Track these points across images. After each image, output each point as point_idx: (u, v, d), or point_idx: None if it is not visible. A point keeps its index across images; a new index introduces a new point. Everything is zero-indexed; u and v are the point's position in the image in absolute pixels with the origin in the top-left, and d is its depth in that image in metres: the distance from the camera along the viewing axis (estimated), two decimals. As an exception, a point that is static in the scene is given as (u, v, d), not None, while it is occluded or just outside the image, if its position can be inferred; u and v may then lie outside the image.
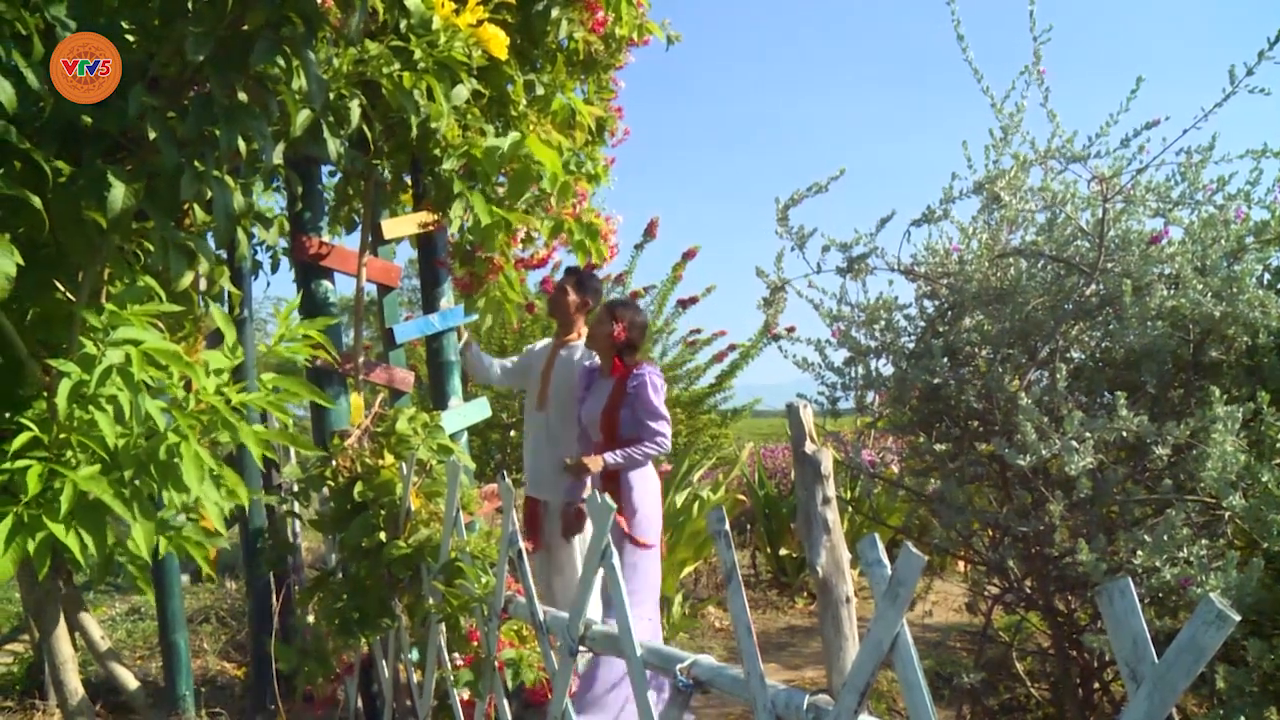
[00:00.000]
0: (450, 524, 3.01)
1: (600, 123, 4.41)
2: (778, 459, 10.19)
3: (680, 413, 10.38)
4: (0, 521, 2.38)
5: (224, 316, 2.70)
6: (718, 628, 7.73)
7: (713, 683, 2.11)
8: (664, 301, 10.65)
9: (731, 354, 10.77)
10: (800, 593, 8.51)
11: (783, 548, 8.75)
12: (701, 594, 8.48)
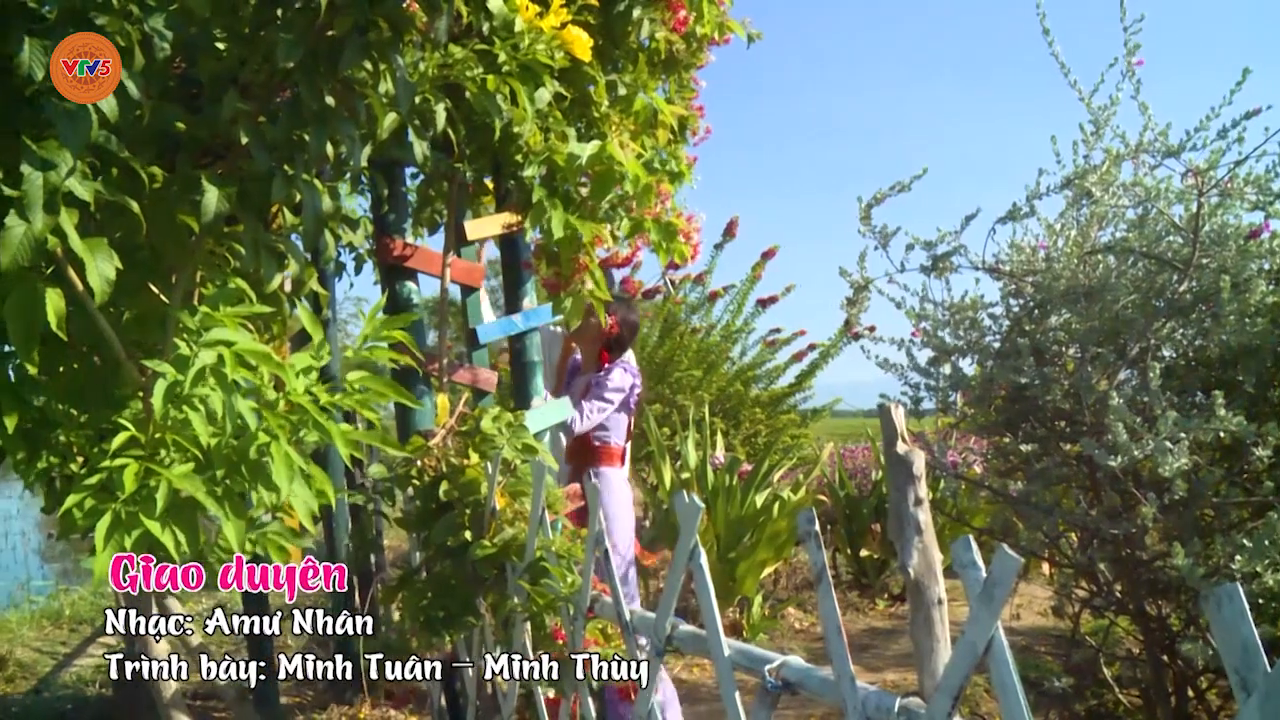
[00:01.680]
0: (536, 523, 3.03)
1: (682, 122, 4.40)
2: (857, 459, 10.10)
3: (760, 413, 10.35)
4: (100, 519, 2.43)
5: (311, 318, 2.73)
6: (797, 629, 7.70)
7: (802, 684, 2.09)
8: (743, 301, 10.63)
9: (811, 354, 10.72)
10: (881, 594, 8.44)
11: (863, 549, 8.68)
12: (780, 595, 8.45)
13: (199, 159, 2.73)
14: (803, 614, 8.02)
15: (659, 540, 8.21)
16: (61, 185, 2.11)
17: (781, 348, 10.82)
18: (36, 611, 11.16)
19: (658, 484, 8.14)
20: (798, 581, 8.88)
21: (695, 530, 2.35)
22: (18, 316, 2.30)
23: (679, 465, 7.99)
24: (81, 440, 2.82)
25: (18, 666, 8.57)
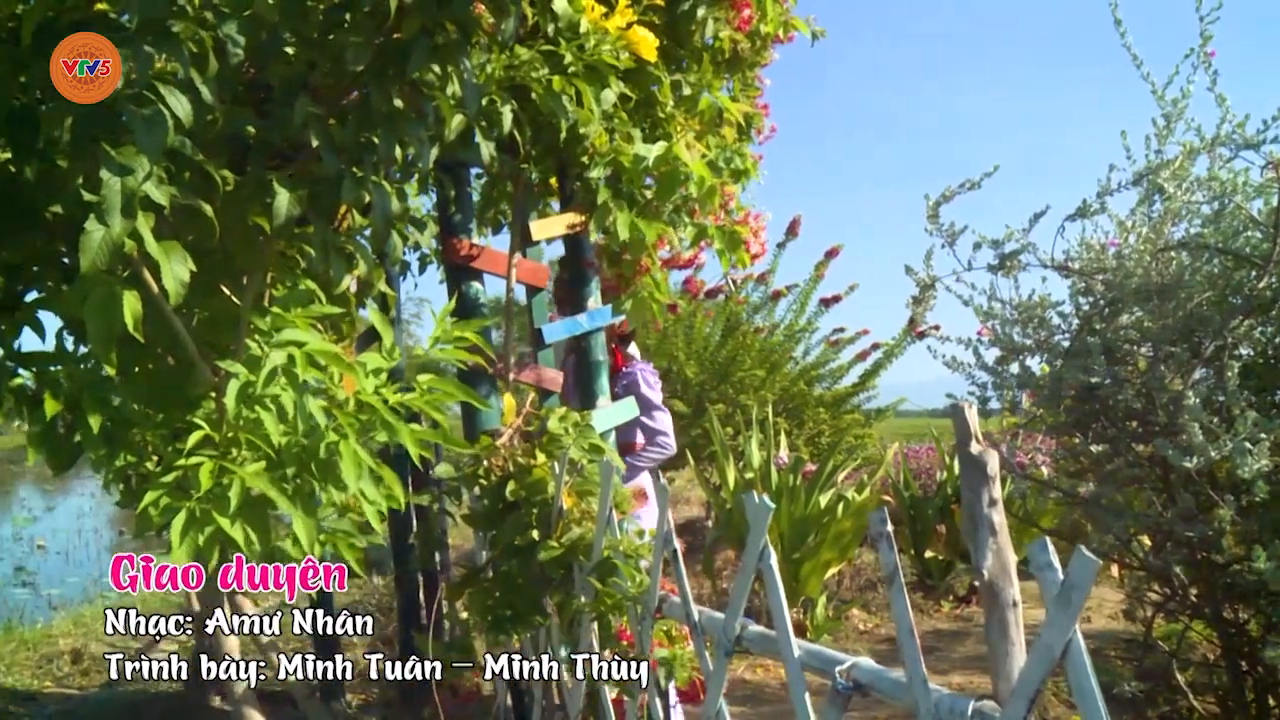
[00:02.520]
0: (604, 523, 3.03)
1: (747, 120, 4.39)
2: (921, 459, 10.02)
3: (824, 413, 10.30)
4: (175, 516, 2.47)
5: (381, 318, 2.76)
6: (861, 630, 7.65)
7: (873, 686, 2.07)
8: (806, 300, 10.59)
9: (875, 353, 10.65)
10: (946, 596, 8.36)
11: (928, 550, 8.60)
12: (844, 596, 8.40)
13: (268, 162, 2.76)
14: (866, 615, 7.97)
15: (722, 540, 8.20)
16: (138, 189, 2.15)
17: (845, 347, 10.77)
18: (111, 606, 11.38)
19: (721, 484, 8.12)
20: (861, 582, 8.82)
21: (765, 531, 2.34)
22: (97, 318, 2.35)
23: (742, 465, 7.97)
24: (157, 439, 2.87)
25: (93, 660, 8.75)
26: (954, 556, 8.37)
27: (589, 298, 4.17)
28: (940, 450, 9.22)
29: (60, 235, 2.59)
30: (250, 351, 2.66)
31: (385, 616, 8.04)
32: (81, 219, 2.16)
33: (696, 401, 9.84)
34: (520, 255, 3.98)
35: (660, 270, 3.91)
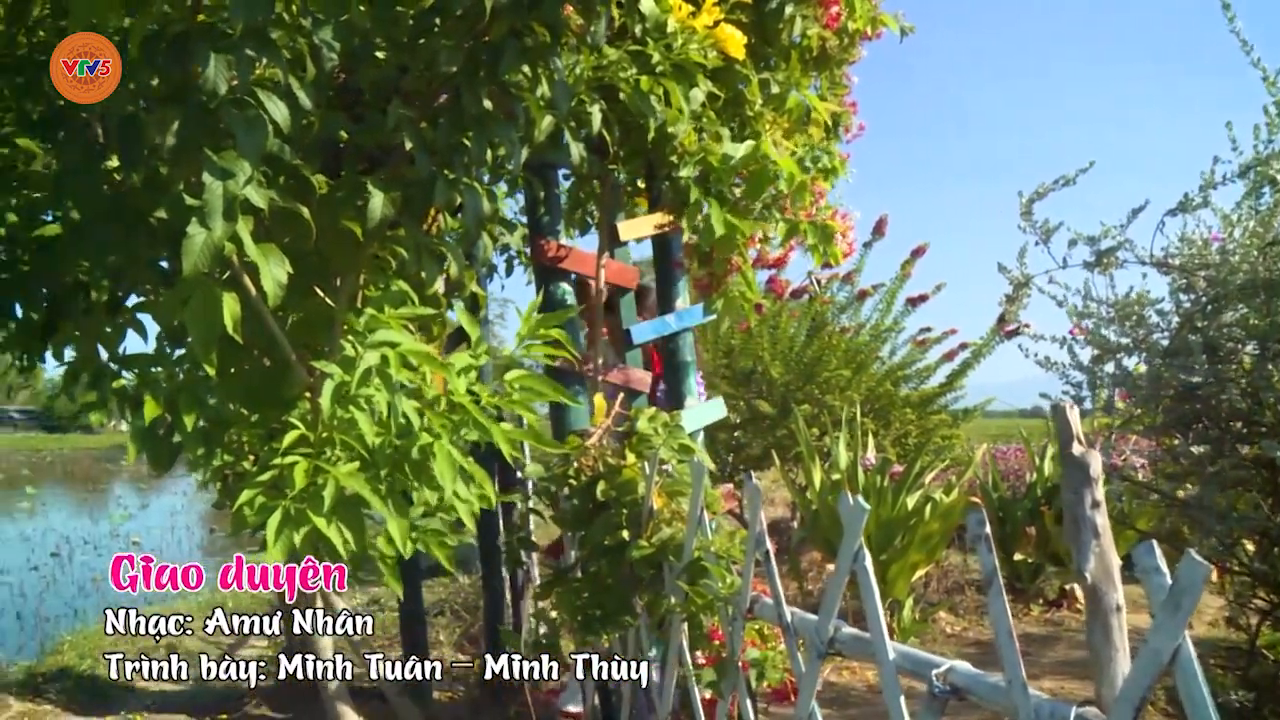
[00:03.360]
0: (695, 523, 3.02)
1: (835, 118, 4.35)
2: (1010, 460, 9.84)
3: (910, 413, 10.19)
4: (270, 515, 2.51)
5: (470, 319, 2.78)
6: (949, 633, 7.54)
7: (970, 689, 2.04)
8: (892, 300, 10.48)
9: (962, 353, 10.50)
10: (1036, 599, 8.21)
11: (1017, 552, 8.45)
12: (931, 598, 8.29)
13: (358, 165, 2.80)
14: (954, 618, 7.85)
15: (807, 542, 8.14)
16: (239, 193, 2.19)
17: (932, 347, 10.61)
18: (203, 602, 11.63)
19: (807, 485, 8.06)
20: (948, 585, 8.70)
21: (860, 532, 2.32)
22: (197, 320, 2.40)
23: (828, 466, 7.89)
24: (253, 439, 2.92)
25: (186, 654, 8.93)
26: (1043, 559, 8.22)
27: (677, 298, 4.16)
28: (1030, 451, 9.06)
29: (161, 240, 2.65)
30: (344, 352, 2.70)
31: (471, 615, 8.10)
32: (182, 223, 2.20)
33: (782, 402, 9.77)
34: (608, 256, 3.98)
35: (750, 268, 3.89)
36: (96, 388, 2.93)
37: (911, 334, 10.73)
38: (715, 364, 10.17)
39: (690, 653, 3.25)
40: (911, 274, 10.48)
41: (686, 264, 4.23)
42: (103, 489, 41.25)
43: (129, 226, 2.59)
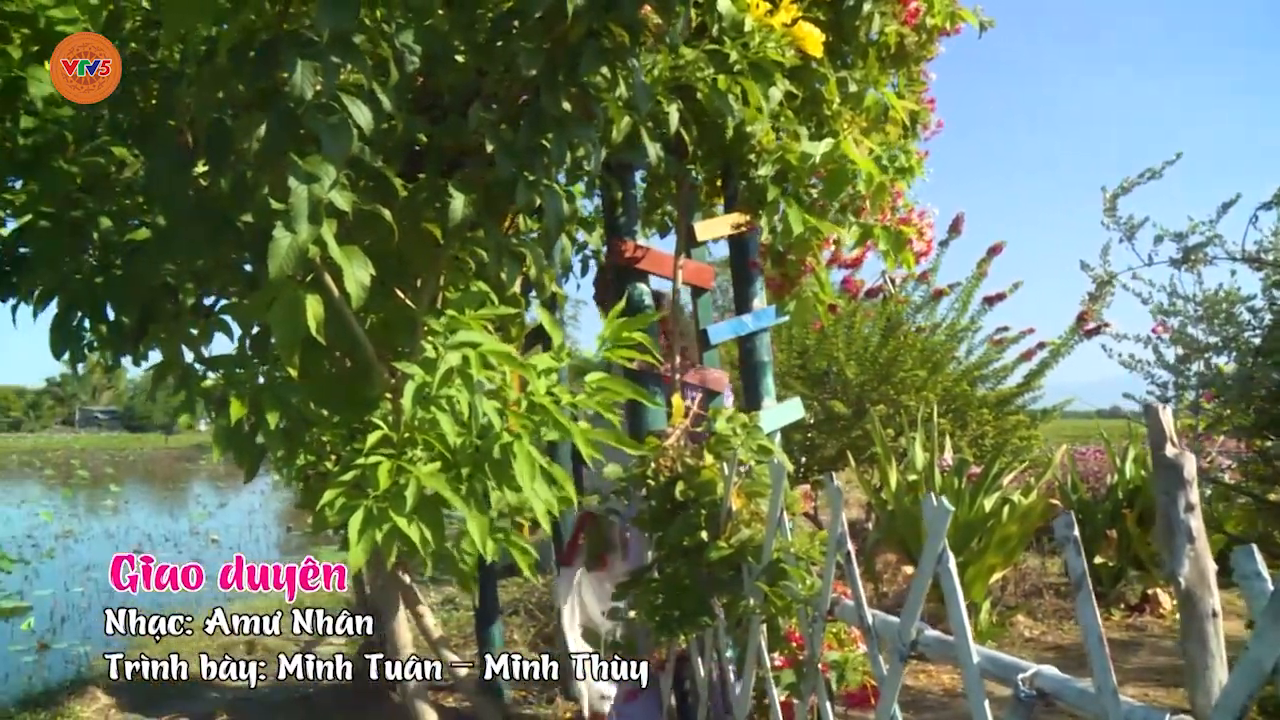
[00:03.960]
0: (774, 524, 3.00)
1: (913, 116, 4.30)
2: (1089, 462, 9.68)
3: (987, 414, 10.06)
4: (353, 514, 2.53)
5: (551, 320, 2.79)
6: (1027, 637, 7.43)
7: (1058, 694, 2.00)
8: (968, 299, 10.36)
9: (1040, 352, 10.35)
10: (1117, 604, 8.07)
11: (1097, 555, 8.31)
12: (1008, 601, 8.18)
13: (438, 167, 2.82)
14: (1032, 622, 7.74)
15: (883, 543, 8.07)
16: (324, 196, 2.21)
17: (1009, 346, 10.49)
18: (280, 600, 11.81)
19: (882, 486, 7.99)
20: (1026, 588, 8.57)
21: (944, 534, 2.29)
22: (282, 322, 2.43)
23: (904, 467, 7.83)
24: (335, 439, 2.95)
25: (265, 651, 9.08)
26: (1125, 563, 8.08)
27: (754, 298, 4.14)
28: (1110, 452, 8.91)
29: (246, 244, 2.69)
30: (425, 353, 2.72)
31: (545, 615, 8.14)
32: (268, 227, 2.24)
33: (856, 402, 9.71)
34: (685, 256, 3.97)
35: (824, 269, 3.86)
36: (184, 389, 2.98)
37: (988, 333, 10.60)
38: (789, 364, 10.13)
39: (769, 654, 3.24)
40: (988, 272, 10.36)
41: (762, 264, 4.21)
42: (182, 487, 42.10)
43: (215, 230, 2.63)
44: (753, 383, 4.19)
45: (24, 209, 2.99)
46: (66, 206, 2.87)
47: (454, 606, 9.39)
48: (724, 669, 3.69)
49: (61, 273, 2.90)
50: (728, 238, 4.12)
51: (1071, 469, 8.84)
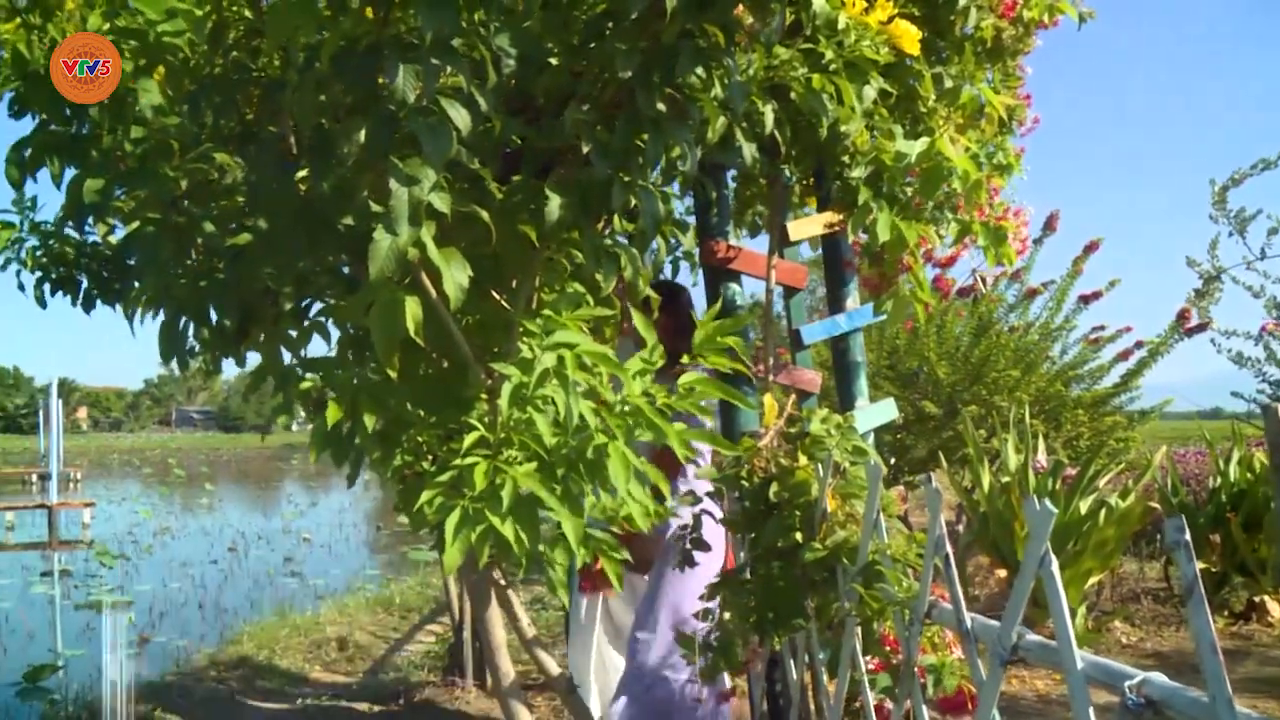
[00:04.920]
0: (870, 526, 2.98)
1: (1010, 112, 4.22)
2: (1189, 464, 9.47)
3: (1082, 414, 9.91)
4: (449, 515, 2.56)
5: (645, 321, 2.79)
6: (1124, 644, 7.29)
7: (1168, 703, 1.95)
8: (1063, 297, 10.20)
9: (1138, 351, 10.15)
10: (1220, 611, 7.87)
11: (1200, 561, 8.12)
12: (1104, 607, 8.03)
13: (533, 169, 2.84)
14: (1129, 628, 7.59)
15: (974, 545, 7.98)
16: (424, 199, 2.24)
17: (1105, 346, 10.31)
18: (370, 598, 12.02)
19: (974, 487, 7.90)
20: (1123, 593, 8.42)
21: (1046, 536, 2.24)
22: (381, 324, 2.47)
23: (997, 468, 7.73)
24: (432, 439, 2.98)
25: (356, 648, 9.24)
26: (1229, 569, 7.89)
27: (847, 298, 4.11)
28: (1213, 454, 8.70)
29: (345, 247, 2.73)
30: (521, 354, 2.73)
31: (634, 615, 8.17)
32: (368, 229, 2.27)
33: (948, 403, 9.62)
34: (778, 256, 3.96)
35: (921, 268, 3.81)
36: (283, 390, 3.04)
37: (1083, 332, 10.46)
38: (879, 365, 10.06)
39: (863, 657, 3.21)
40: (1083, 270, 10.20)
41: (856, 263, 4.18)
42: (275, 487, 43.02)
43: (316, 234, 2.68)
44: (846, 383, 4.17)
45: (131, 216, 3.07)
46: (172, 213, 2.94)
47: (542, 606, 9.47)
48: (816, 672, 3.67)
49: (167, 277, 2.97)
50: (821, 237, 4.10)
51: (1171, 471, 8.65)
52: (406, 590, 12.58)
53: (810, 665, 3.73)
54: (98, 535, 24.55)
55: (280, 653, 9.04)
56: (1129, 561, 8.53)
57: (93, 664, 11.15)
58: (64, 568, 19.65)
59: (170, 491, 40.10)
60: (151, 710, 7.14)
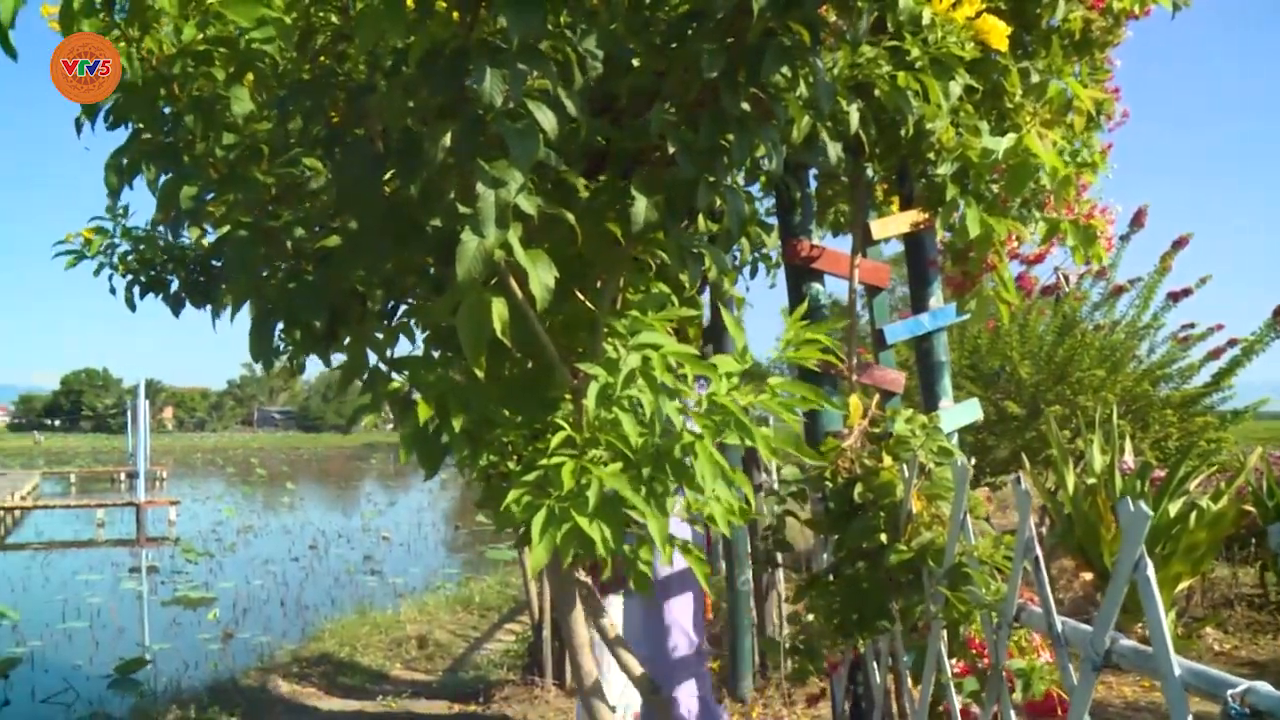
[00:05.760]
0: (957, 527, 2.95)
1: (1097, 106, 4.13)
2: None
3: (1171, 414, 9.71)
4: (536, 514, 2.57)
5: (734, 321, 2.79)
6: (1216, 651, 7.13)
7: (1275, 713, 1.91)
8: (1150, 295, 10.01)
9: (1231, 350, 9.93)
10: (1315, 618, 7.67)
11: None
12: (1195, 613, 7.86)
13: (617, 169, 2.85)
14: (1222, 635, 7.42)
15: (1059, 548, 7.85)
16: (511, 201, 2.25)
17: (1195, 344, 10.10)
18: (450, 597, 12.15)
19: (1058, 488, 7.78)
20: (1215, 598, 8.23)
21: (1141, 539, 2.21)
22: (468, 324, 2.49)
23: (1082, 469, 7.60)
24: (517, 439, 3.00)
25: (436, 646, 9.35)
26: (1331, 574, 7.68)
27: (931, 297, 4.08)
28: (1313, 456, 8.47)
29: (432, 248, 2.76)
30: (606, 354, 2.74)
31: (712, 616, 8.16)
32: (454, 232, 2.29)
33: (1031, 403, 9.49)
34: (861, 255, 3.94)
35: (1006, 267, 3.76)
36: (370, 390, 3.07)
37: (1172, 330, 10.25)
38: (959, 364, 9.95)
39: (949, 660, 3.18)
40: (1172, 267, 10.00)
41: (941, 262, 4.14)
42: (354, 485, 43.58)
43: (403, 236, 2.70)
44: (929, 383, 4.13)
45: (222, 220, 3.13)
46: (262, 216, 2.99)
47: (618, 606, 9.48)
48: (900, 675, 3.64)
49: (257, 279, 3.02)
50: (904, 236, 4.07)
51: (1268, 473, 8.43)
52: (485, 589, 12.69)
53: (894, 668, 3.71)
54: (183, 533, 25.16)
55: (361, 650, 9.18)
56: (1220, 566, 8.33)
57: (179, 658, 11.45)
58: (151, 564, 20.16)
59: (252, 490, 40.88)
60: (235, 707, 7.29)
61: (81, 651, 12.27)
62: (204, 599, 15.69)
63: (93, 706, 8.96)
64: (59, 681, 10.62)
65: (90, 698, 9.68)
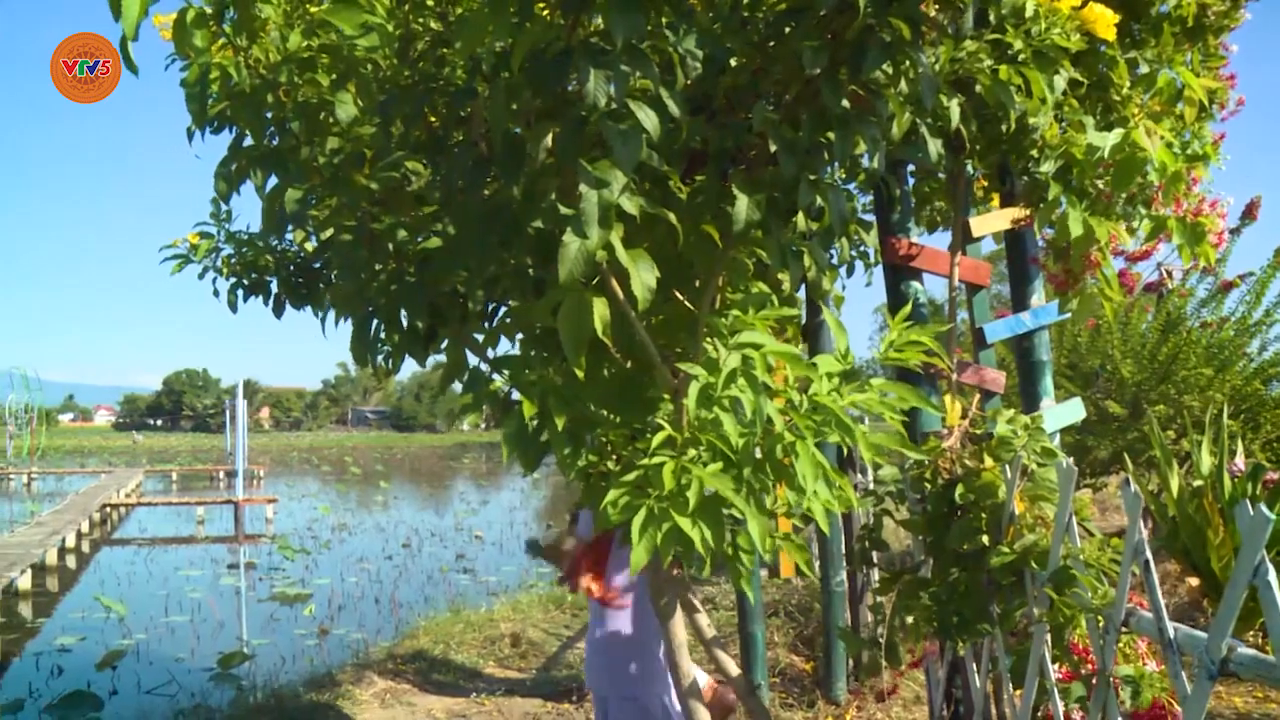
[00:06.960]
0: (1061, 529, 2.89)
1: (1210, 95, 3.96)
2: None
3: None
4: (636, 514, 2.57)
5: (836, 321, 2.77)
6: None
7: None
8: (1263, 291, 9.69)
9: (1353, 347, 9.61)
10: None
11: None
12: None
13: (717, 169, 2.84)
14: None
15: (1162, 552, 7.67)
16: (614, 201, 2.26)
17: (1312, 342, 9.79)
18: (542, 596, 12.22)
19: (1161, 490, 7.59)
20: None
21: (1262, 544, 2.15)
22: (569, 324, 2.51)
23: (1187, 471, 7.41)
24: (617, 439, 3.01)
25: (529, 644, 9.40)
26: None
27: (1032, 295, 4.01)
28: None
29: (532, 249, 2.78)
30: (706, 354, 2.74)
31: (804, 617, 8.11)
32: (556, 233, 2.31)
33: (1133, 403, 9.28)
34: (961, 253, 3.88)
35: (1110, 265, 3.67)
36: (472, 390, 3.11)
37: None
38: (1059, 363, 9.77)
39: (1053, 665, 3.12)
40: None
41: (1042, 259, 4.07)
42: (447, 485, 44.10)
43: (504, 237, 2.73)
44: (1031, 382, 4.06)
45: (326, 223, 3.19)
46: (365, 219, 3.04)
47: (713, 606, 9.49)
48: (1000, 679, 3.59)
49: (360, 282, 3.07)
50: (1005, 233, 4.01)
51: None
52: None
53: (994, 672, 3.65)
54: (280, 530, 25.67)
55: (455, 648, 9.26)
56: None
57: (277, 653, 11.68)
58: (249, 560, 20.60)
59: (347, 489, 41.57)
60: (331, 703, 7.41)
61: (183, 645, 12.60)
62: (300, 595, 15.98)
63: (195, 699, 9.19)
64: (163, 674, 10.93)
65: (192, 689, 9.94)
